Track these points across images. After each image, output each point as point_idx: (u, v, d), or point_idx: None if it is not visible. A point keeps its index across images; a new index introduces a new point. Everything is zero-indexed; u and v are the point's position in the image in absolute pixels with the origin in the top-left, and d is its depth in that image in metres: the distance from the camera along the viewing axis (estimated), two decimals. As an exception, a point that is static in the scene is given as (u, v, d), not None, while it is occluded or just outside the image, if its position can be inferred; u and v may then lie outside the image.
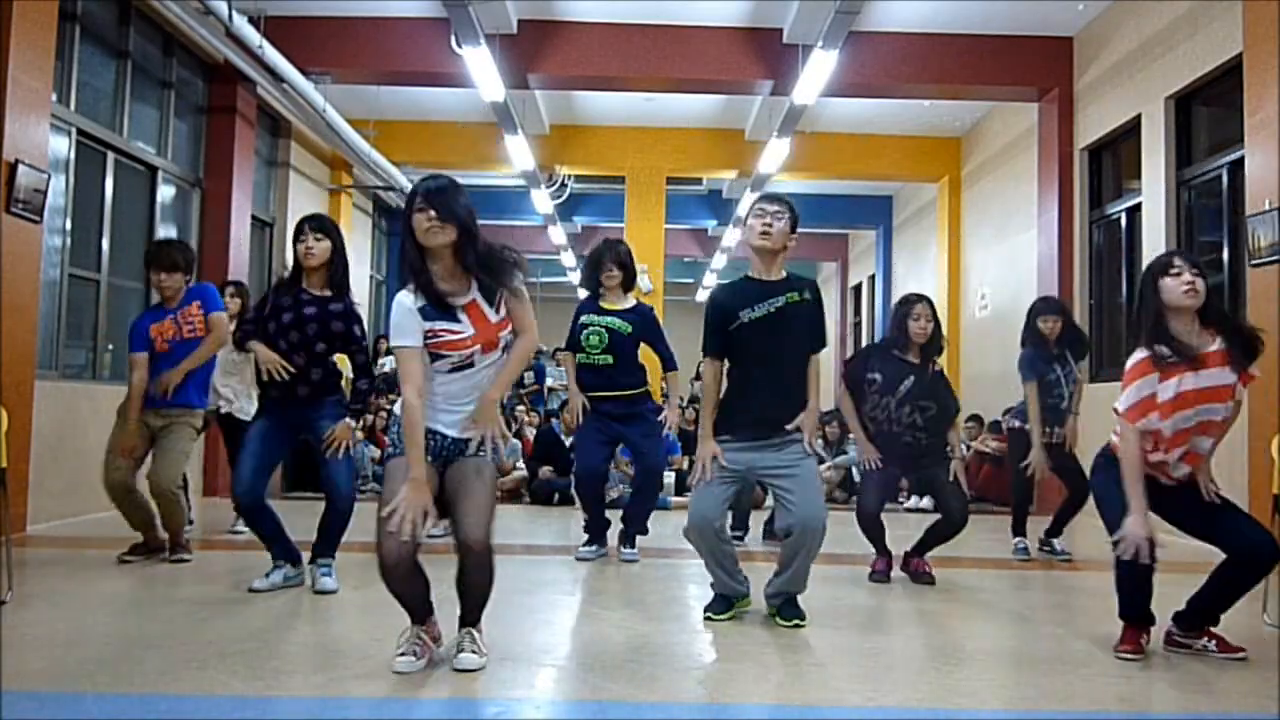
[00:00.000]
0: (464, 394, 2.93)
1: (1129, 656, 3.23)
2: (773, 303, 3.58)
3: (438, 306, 2.86)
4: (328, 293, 4.10)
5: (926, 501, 7.25)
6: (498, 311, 2.93)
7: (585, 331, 5.12)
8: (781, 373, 3.61)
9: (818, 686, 2.93)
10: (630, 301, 5.26)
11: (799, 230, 3.68)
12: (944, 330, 4.82)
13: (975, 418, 9.78)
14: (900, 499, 8.41)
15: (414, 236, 2.85)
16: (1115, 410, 3.26)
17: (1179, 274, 3.19)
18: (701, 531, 3.59)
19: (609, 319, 5.12)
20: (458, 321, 2.88)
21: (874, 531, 4.73)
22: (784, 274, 3.68)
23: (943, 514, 4.67)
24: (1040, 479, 5.39)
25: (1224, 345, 3.21)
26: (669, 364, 5.38)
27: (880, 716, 2.66)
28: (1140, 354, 3.23)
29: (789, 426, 3.58)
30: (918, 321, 4.65)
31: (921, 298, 4.78)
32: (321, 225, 4.11)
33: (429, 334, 2.87)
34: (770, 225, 3.57)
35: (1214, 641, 3.30)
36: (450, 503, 2.91)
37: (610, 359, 5.09)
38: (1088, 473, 5.22)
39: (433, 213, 2.81)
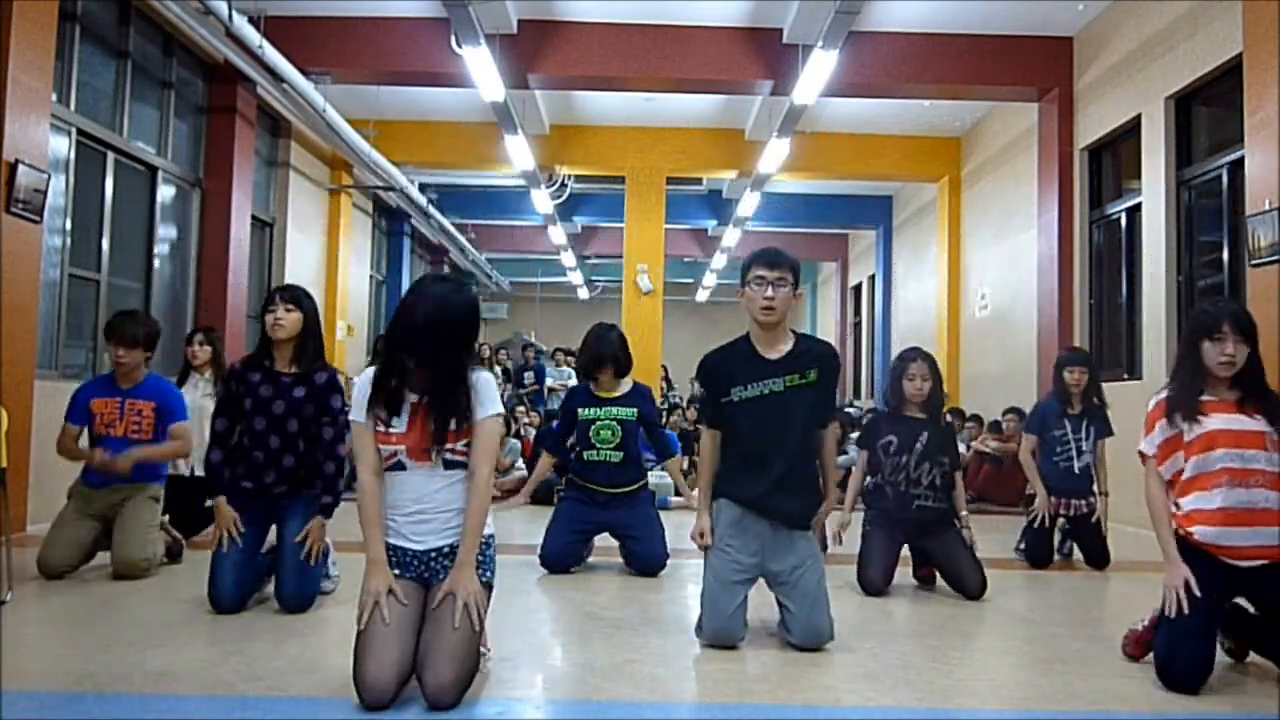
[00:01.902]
0: (417, 503, 2.73)
1: (1132, 659, 3.24)
2: (769, 384, 3.30)
3: (382, 397, 2.72)
4: (294, 370, 3.82)
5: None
6: (451, 427, 2.70)
7: (594, 426, 4.83)
8: (782, 460, 3.30)
9: (817, 686, 2.93)
10: (627, 385, 4.99)
11: (801, 229, 3.59)
12: (944, 386, 4.62)
13: (975, 418, 9.78)
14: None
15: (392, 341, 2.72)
16: (1141, 453, 3.15)
17: (1221, 341, 3.04)
18: (719, 644, 3.30)
19: (614, 409, 4.87)
20: (398, 416, 2.71)
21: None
22: (788, 346, 3.36)
23: (958, 590, 4.42)
24: (1044, 513, 5.24)
25: (1237, 395, 3.07)
26: (666, 451, 5.14)
27: (880, 716, 2.66)
28: (1160, 396, 3.14)
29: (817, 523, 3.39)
30: (913, 382, 4.48)
31: (918, 355, 4.57)
32: (294, 295, 3.84)
33: (374, 417, 2.73)
34: (773, 299, 3.27)
35: (1228, 642, 3.27)
36: (423, 638, 2.63)
37: (621, 455, 4.85)
38: (1109, 550, 5.24)
39: (414, 360, 2.68)
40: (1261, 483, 2.98)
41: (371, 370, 2.79)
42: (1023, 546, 5.48)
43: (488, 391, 2.74)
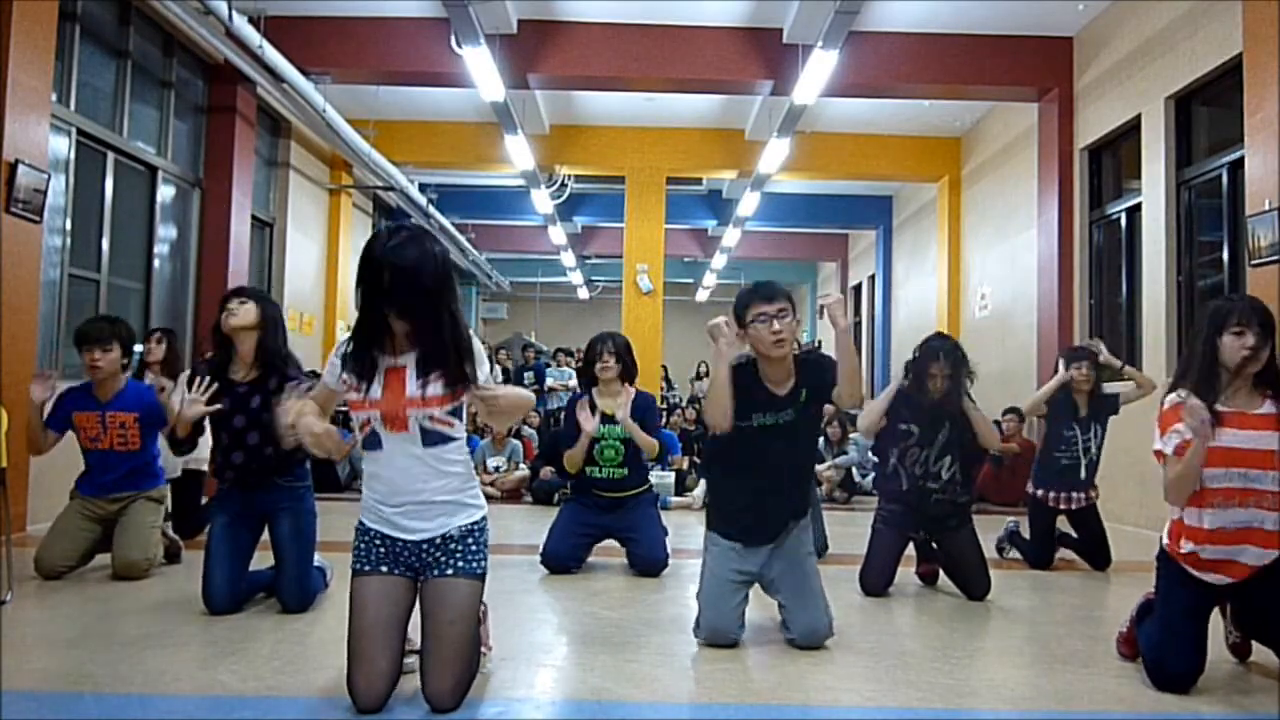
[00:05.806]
0: (401, 494, 2.59)
1: (1126, 658, 3.24)
2: (783, 415, 3.32)
3: (358, 365, 2.58)
4: (252, 375, 3.77)
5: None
6: (430, 389, 2.54)
7: (599, 445, 4.83)
8: (788, 487, 3.40)
9: (817, 686, 2.93)
10: (630, 393, 4.91)
11: (801, 229, 3.57)
12: (971, 366, 4.41)
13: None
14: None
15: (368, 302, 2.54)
16: (1157, 453, 2.95)
17: (1242, 334, 2.91)
18: (717, 642, 3.33)
19: (618, 428, 4.84)
20: (371, 382, 2.56)
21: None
22: (793, 381, 3.34)
23: (961, 590, 4.43)
24: None
25: (1274, 409, 2.90)
26: (669, 449, 5.16)
27: (880, 716, 2.66)
28: (1175, 398, 2.94)
29: None
30: (933, 381, 4.31)
31: (942, 349, 4.35)
32: (249, 292, 3.84)
33: (342, 382, 2.62)
34: (781, 330, 3.21)
35: (1234, 635, 3.27)
36: (423, 638, 2.60)
37: (625, 471, 4.88)
38: (1110, 545, 5.23)
39: (398, 309, 2.50)
40: (1265, 504, 2.86)
41: (345, 339, 2.66)
42: (1005, 546, 5.50)
43: (480, 355, 2.62)
